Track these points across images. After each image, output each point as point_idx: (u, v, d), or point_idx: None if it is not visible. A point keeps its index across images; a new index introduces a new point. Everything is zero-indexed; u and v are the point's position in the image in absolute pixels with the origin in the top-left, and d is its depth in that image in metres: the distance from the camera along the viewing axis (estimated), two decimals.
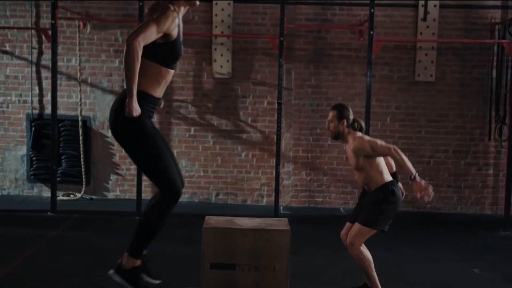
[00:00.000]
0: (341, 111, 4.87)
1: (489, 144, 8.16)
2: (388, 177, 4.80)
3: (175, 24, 3.50)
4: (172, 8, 3.50)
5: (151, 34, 3.39)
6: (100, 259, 5.28)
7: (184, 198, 8.27)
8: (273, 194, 7.59)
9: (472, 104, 8.14)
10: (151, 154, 3.61)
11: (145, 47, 3.39)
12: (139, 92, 3.45)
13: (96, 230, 6.76)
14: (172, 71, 3.65)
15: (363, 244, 4.74)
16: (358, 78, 8.08)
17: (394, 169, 4.98)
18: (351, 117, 4.88)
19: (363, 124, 4.92)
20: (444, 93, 8.14)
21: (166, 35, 3.48)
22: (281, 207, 7.99)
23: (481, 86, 8.12)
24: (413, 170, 4.54)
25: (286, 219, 4.93)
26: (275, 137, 7.63)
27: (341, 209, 8.20)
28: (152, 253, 4.08)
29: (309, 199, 8.34)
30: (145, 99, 3.53)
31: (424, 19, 7.85)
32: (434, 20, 7.94)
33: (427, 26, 7.95)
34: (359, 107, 8.02)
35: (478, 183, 8.23)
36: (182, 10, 3.67)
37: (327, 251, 6.06)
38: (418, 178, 4.52)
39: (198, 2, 3.70)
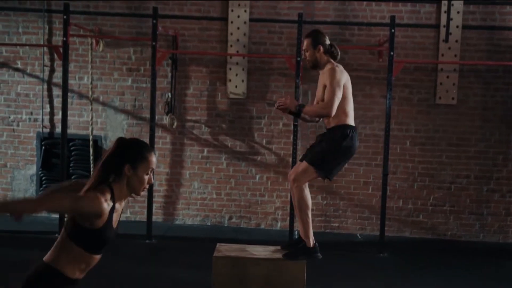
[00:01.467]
0: (315, 37, 4.63)
1: None
2: (351, 121, 4.59)
3: (102, 213, 2.95)
4: (105, 196, 2.97)
5: (60, 208, 3.10)
6: (108, 285, 5.05)
7: (196, 221, 8.08)
8: (288, 218, 7.38)
9: (495, 128, 7.87)
10: None
11: (69, 225, 3.01)
12: (52, 270, 3.01)
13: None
14: (97, 257, 3.16)
15: (306, 185, 4.53)
16: (377, 100, 7.86)
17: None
18: (327, 42, 4.66)
19: (338, 50, 4.73)
20: (466, 117, 7.89)
21: (89, 221, 2.98)
22: (296, 232, 7.68)
23: (504, 109, 7.85)
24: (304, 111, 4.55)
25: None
26: (290, 159, 7.43)
27: (358, 235, 7.94)
28: (164, 278, 3.85)
29: (325, 224, 8.09)
30: (57, 278, 3.03)
31: (446, 40, 7.64)
32: (456, 41, 7.72)
33: (449, 48, 7.73)
34: (377, 129, 7.84)
35: (501, 210, 7.92)
36: (123, 197, 3.10)
37: (344, 283, 5.79)
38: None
39: (141, 194, 3.14)
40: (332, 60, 4.66)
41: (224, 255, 4.27)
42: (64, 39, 7.05)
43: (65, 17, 7.02)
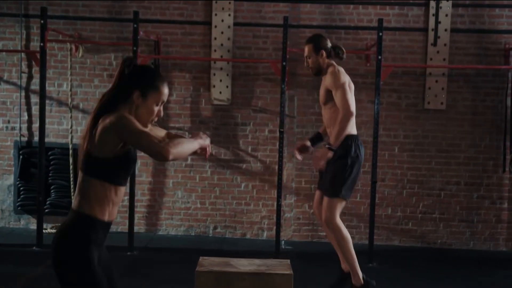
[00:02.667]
0: (317, 42, 4.47)
1: (503, 177, 7.72)
2: (353, 130, 4.45)
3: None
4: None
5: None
6: None
7: (180, 231, 7.86)
8: (274, 227, 7.17)
9: (485, 134, 7.73)
10: None
11: (86, 162, 2.83)
12: (84, 218, 2.82)
13: None
14: (122, 189, 2.94)
15: (339, 220, 4.39)
16: (364, 105, 7.68)
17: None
18: (329, 45, 4.51)
19: (344, 50, 4.58)
20: (456, 122, 7.74)
21: (118, 147, 2.82)
22: (283, 242, 7.55)
23: (494, 114, 7.71)
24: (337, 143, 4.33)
25: (288, 260, 4.47)
26: (276, 167, 7.23)
27: None
28: None
29: (312, 233, 7.89)
30: (94, 225, 2.84)
31: (435, 44, 7.50)
32: (445, 45, 7.57)
33: (438, 52, 7.59)
34: (365, 136, 7.66)
35: (491, 217, 7.77)
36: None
37: None
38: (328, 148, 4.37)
39: (149, 126, 2.98)
40: (333, 62, 4.50)
41: (207, 269, 4.06)
42: (42, 44, 6.81)
43: (42, 21, 6.79)
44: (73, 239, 2.83)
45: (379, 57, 6.70)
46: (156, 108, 2.90)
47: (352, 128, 4.49)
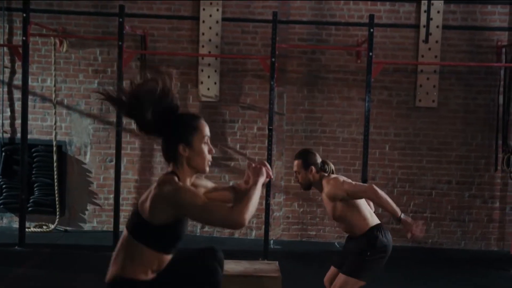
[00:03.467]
0: (306, 158, 4.39)
1: (495, 175, 7.63)
2: (373, 220, 4.31)
3: None
4: (177, 180, 2.73)
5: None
6: None
7: None
8: (263, 226, 7.02)
9: (477, 132, 7.63)
10: None
11: (135, 225, 2.70)
12: (124, 281, 2.71)
13: (66, 267, 6.12)
14: (169, 256, 2.79)
15: None
16: (355, 102, 7.58)
17: (373, 209, 4.51)
18: (319, 160, 4.41)
19: (332, 166, 4.48)
20: (447, 120, 7.63)
21: (176, 215, 2.69)
22: (272, 241, 7.45)
23: (486, 112, 7.61)
24: (398, 210, 4.09)
25: (277, 262, 4.35)
26: None
27: (335, 243, 7.65)
28: None
29: (301, 233, 7.76)
30: (132, 285, 2.72)
31: (426, 41, 7.35)
32: (437, 42, 7.47)
33: (429, 48, 7.48)
34: (356, 133, 7.58)
35: (483, 217, 7.67)
36: (189, 180, 2.86)
37: None
38: (403, 217, 4.08)
39: (207, 169, 2.86)
40: (325, 175, 4.37)
41: None
42: (24, 38, 6.63)
43: (24, 15, 6.61)
44: None
45: (370, 53, 6.59)
46: (206, 149, 2.79)
47: (372, 219, 4.36)
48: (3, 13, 7.53)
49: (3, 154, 7.62)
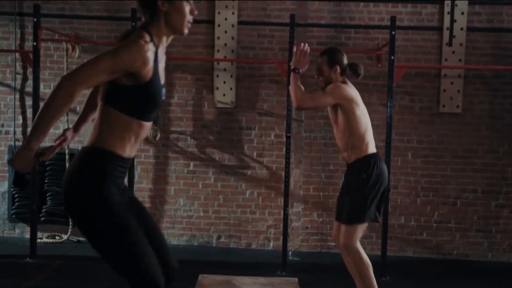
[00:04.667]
0: (333, 55, 4.20)
1: None
2: (371, 149, 4.15)
3: (147, 60, 2.52)
4: (144, 38, 2.53)
5: (98, 75, 2.44)
6: None
7: (182, 241, 7.50)
8: (281, 237, 6.77)
9: (503, 139, 7.33)
10: (119, 242, 2.55)
11: (108, 91, 2.52)
12: (103, 152, 2.55)
13: (78, 279, 5.92)
14: (147, 124, 2.69)
15: (359, 244, 4.07)
16: (375, 108, 7.31)
17: None
18: (346, 61, 4.25)
19: (362, 68, 4.32)
20: (472, 126, 7.35)
21: (134, 75, 2.50)
22: (290, 252, 7.20)
23: None
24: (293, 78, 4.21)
25: (296, 279, 4.14)
26: (283, 173, 6.85)
27: None
28: None
29: (321, 243, 7.52)
30: (111, 160, 2.57)
31: (450, 44, 7.10)
32: (461, 45, 7.19)
33: (453, 52, 7.20)
34: (377, 140, 7.23)
35: (511, 227, 7.36)
36: (165, 41, 2.69)
37: None
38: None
39: (186, 31, 2.70)
40: (347, 80, 4.23)
41: None
42: (35, 43, 6.46)
43: (35, 19, 6.44)
44: (88, 174, 2.52)
45: (392, 57, 6.34)
46: (187, 7, 2.61)
47: (372, 146, 4.19)
48: (14, 18, 7.38)
49: None
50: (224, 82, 7.38)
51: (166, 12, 2.56)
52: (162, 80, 2.67)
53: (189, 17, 2.63)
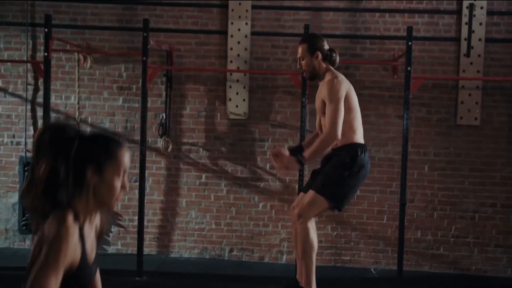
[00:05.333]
0: (312, 42, 4.10)
1: None
2: (360, 138, 4.05)
3: (76, 250, 2.16)
4: (67, 222, 2.14)
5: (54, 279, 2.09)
6: None
7: (193, 254, 7.38)
8: (294, 251, 6.63)
9: None
10: None
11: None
12: None
13: None
14: None
15: (313, 222, 3.96)
16: (391, 120, 7.20)
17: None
18: (326, 47, 4.13)
19: (337, 56, 4.22)
20: (491, 139, 7.18)
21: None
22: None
23: None
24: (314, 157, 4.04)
25: None
26: (296, 186, 6.78)
27: (372, 269, 7.21)
28: None
29: (335, 258, 7.37)
30: None
31: (468, 55, 6.97)
32: (479, 55, 7.03)
33: (471, 63, 7.05)
34: (392, 153, 7.18)
35: None
36: (92, 215, 2.30)
37: None
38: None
39: (115, 207, 2.31)
40: (331, 68, 4.12)
41: None
42: (46, 54, 6.41)
43: (46, 30, 6.38)
44: None
45: (408, 68, 6.21)
46: (118, 183, 2.25)
47: (360, 136, 4.12)
48: (26, 29, 7.33)
49: (26, 173, 7.39)
50: (237, 93, 7.27)
51: (95, 185, 2.21)
52: (92, 259, 2.32)
53: (119, 194, 2.27)
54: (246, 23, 7.23)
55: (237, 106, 7.29)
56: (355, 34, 7.29)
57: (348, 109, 4.14)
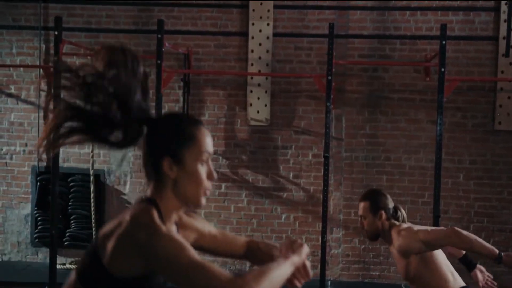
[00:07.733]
0: (375, 200, 3.70)
1: None
2: (456, 283, 3.63)
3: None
4: (154, 218, 1.79)
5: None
6: None
7: None
8: (319, 265, 6.33)
9: None
10: None
11: (92, 279, 1.82)
12: None
13: None
14: None
15: None
16: (423, 126, 6.92)
17: (463, 252, 3.97)
18: (391, 205, 3.71)
19: (405, 213, 3.78)
20: None
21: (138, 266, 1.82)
22: (329, 282, 6.81)
23: None
24: (494, 248, 3.49)
25: None
26: (321, 196, 6.41)
27: (402, 285, 6.86)
28: None
29: (363, 273, 7.08)
30: None
31: (507, 55, 6.68)
32: None
33: (510, 63, 6.74)
34: (424, 161, 6.90)
35: None
36: (173, 218, 1.95)
37: None
38: (505, 254, 3.54)
39: (203, 201, 1.93)
40: (395, 222, 3.71)
41: None
42: (55, 58, 6.19)
43: (56, 33, 6.13)
44: None
45: (442, 69, 5.86)
46: (203, 170, 1.88)
47: (456, 280, 3.73)
48: (39, 33, 7.15)
49: (38, 184, 7.16)
50: (258, 98, 7.06)
51: (175, 178, 1.86)
52: None
53: (207, 184, 1.91)
54: (268, 24, 7.02)
55: (258, 112, 7.07)
56: (384, 34, 7.05)
57: (431, 261, 3.72)
